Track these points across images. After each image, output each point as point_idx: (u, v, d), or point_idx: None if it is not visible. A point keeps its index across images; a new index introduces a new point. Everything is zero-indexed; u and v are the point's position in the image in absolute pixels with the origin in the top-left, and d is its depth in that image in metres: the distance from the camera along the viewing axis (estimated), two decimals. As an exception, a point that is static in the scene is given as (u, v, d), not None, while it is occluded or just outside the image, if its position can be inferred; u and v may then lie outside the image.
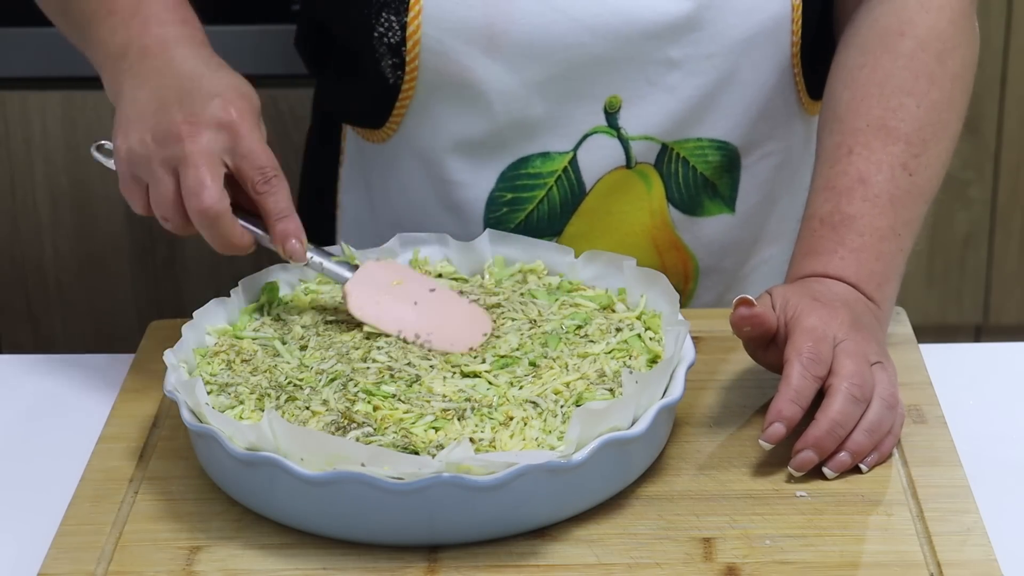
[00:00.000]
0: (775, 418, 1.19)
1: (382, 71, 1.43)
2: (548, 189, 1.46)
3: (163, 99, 1.27)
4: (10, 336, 2.39)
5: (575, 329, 1.27)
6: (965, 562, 1.11)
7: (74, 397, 1.37)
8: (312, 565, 1.12)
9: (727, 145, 1.47)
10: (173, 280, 2.34)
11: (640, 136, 1.44)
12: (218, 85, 1.27)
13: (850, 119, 1.36)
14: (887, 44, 1.38)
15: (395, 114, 1.45)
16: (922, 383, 1.32)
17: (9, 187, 2.28)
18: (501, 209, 1.47)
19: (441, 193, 1.48)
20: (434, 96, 1.43)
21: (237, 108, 1.26)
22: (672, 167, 1.47)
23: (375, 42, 1.41)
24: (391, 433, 1.15)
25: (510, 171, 1.46)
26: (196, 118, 1.25)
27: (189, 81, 1.27)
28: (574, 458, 1.12)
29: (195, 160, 1.23)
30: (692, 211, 1.50)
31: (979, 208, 2.51)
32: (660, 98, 1.43)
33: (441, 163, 1.46)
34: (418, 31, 1.39)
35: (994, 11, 2.44)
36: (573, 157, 1.45)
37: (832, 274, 1.30)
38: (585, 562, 1.12)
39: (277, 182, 1.26)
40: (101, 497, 1.19)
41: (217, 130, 1.25)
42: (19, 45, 2.22)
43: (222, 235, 1.24)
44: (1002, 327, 2.60)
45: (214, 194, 1.23)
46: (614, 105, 1.43)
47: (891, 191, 1.33)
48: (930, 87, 1.36)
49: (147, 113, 1.27)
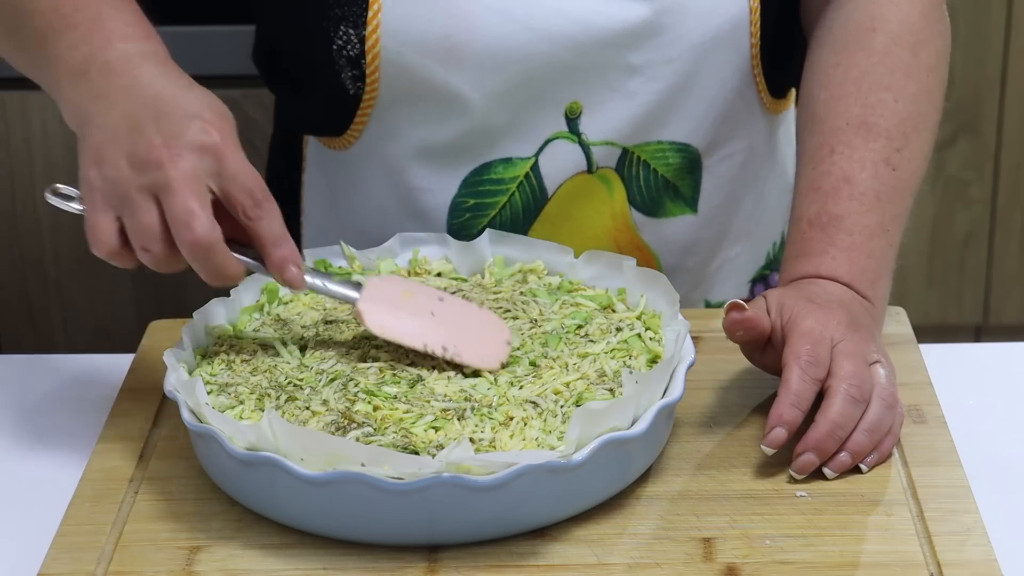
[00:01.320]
0: (776, 423, 1.19)
1: (342, 83, 1.42)
2: (510, 195, 1.46)
3: (136, 121, 1.17)
4: (10, 336, 2.39)
5: (575, 329, 1.27)
6: (965, 562, 1.11)
7: (74, 397, 1.37)
8: (312, 565, 1.12)
9: (688, 147, 1.47)
10: (173, 280, 2.34)
11: (601, 141, 1.45)
12: (195, 105, 1.18)
13: (829, 119, 1.36)
14: (860, 41, 1.38)
15: (356, 122, 1.45)
16: (922, 383, 1.32)
17: (9, 187, 2.28)
18: (464, 215, 1.47)
19: (404, 199, 1.48)
20: (396, 105, 1.43)
21: (219, 129, 1.17)
22: (633, 170, 1.47)
23: (334, 55, 1.41)
24: (391, 433, 1.15)
25: (472, 177, 1.46)
26: (176, 141, 1.16)
27: (162, 102, 1.18)
28: (574, 458, 1.12)
29: (180, 187, 1.14)
30: (654, 212, 1.50)
31: (979, 208, 2.51)
32: (620, 103, 1.43)
33: (404, 170, 1.46)
34: (377, 44, 1.39)
35: (994, 11, 2.44)
36: (535, 163, 1.45)
37: (824, 275, 1.31)
38: (585, 562, 1.12)
39: (268, 206, 1.18)
40: (101, 497, 1.19)
41: (200, 153, 1.16)
42: (19, 45, 2.22)
43: (215, 266, 1.16)
44: (1002, 327, 2.60)
45: (205, 224, 1.15)
46: (575, 111, 1.43)
47: (876, 188, 1.33)
48: (907, 81, 1.37)
49: (120, 137, 1.17)
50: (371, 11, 1.38)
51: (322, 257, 1.36)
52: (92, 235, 1.18)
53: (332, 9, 1.40)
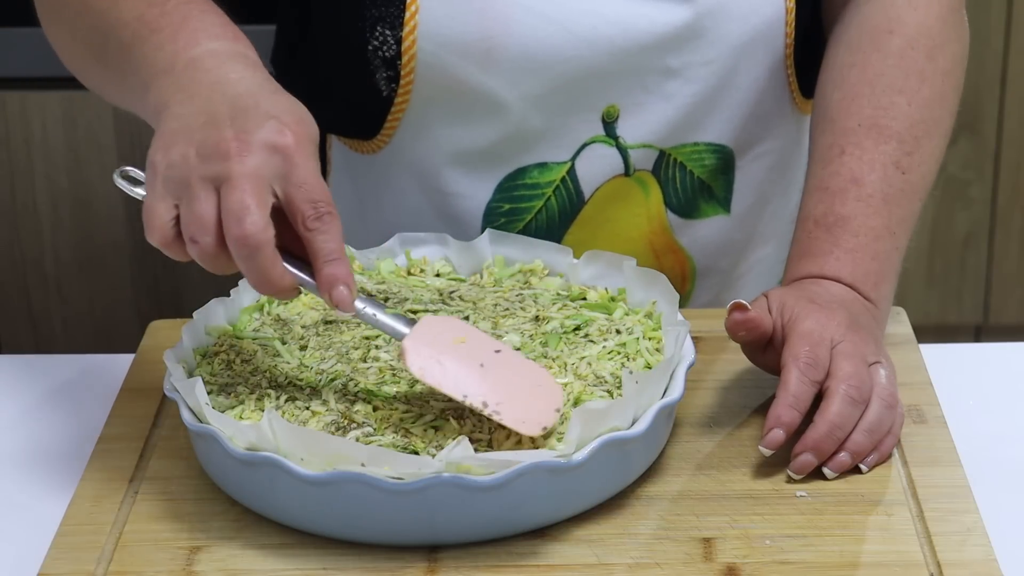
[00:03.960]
0: (774, 424, 1.19)
1: (375, 84, 1.42)
2: (546, 199, 1.46)
3: (213, 114, 1.13)
4: (10, 336, 2.39)
5: (574, 329, 1.27)
6: (965, 562, 1.11)
7: (74, 397, 1.37)
8: (312, 565, 1.12)
9: (723, 148, 1.47)
10: (173, 280, 2.34)
11: (638, 144, 1.44)
12: (276, 107, 1.13)
13: (842, 119, 1.36)
14: (876, 42, 1.38)
15: (388, 125, 1.45)
16: (922, 383, 1.32)
17: (9, 187, 2.28)
18: (499, 219, 1.47)
19: (437, 204, 1.47)
20: (428, 107, 1.42)
21: (295, 133, 1.12)
22: (670, 172, 1.47)
23: (369, 55, 1.40)
24: (390, 433, 1.15)
25: (507, 182, 1.45)
26: (248, 136, 1.11)
27: (242, 99, 1.13)
28: (574, 458, 1.12)
29: (241, 182, 1.09)
30: (689, 214, 1.50)
31: (979, 208, 2.51)
32: (658, 106, 1.43)
33: (437, 175, 1.46)
34: (414, 46, 1.38)
35: (994, 11, 2.44)
36: (571, 167, 1.45)
37: (828, 275, 1.31)
38: (585, 562, 1.12)
39: (330, 219, 1.12)
40: (101, 497, 1.19)
41: (270, 153, 1.11)
42: (19, 45, 2.22)
43: (261, 269, 1.11)
44: (1002, 327, 2.60)
45: (258, 221, 1.09)
46: (612, 115, 1.43)
47: (884, 190, 1.33)
48: (921, 85, 1.37)
49: (194, 127, 1.13)
50: (408, 12, 1.38)
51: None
52: (148, 221, 1.13)
53: (368, 10, 1.39)
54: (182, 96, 1.16)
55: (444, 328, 1.18)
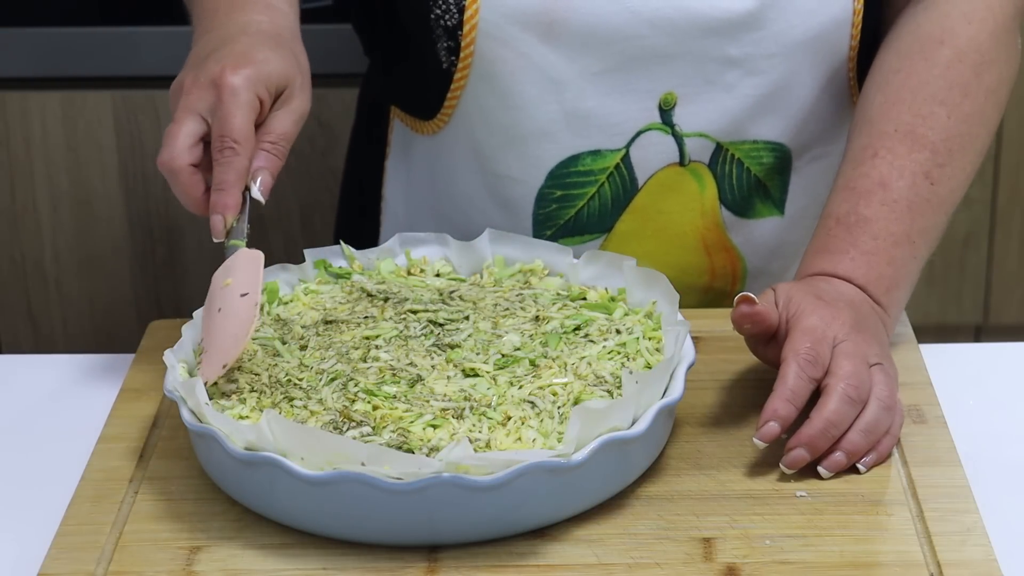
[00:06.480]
0: (770, 417, 1.19)
1: (437, 54, 1.42)
2: (599, 186, 1.46)
3: (199, 55, 1.28)
4: (10, 336, 2.39)
5: (574, 329, 1.27)
6: (965, 562, 1.11)
7: (74, 397, 1.37)
8: (312, 565, 1.12)
9: (782, 147, 1.47)
10: (173, 280, 2.34)
11: (695, 133, 1.44)
12: (242, 51, 1.27)
13: (879, 122, 1.36)
14: (925, 51, 1.38)
15: (447, 104, 1.45)
16: (922, 383, 1.32)
17: (9, 187, 2.28)
18: (551, 206, 1.47)
19: (491, 187, 1.48)
20: (486, 84, 1.42)
21: (236, 72, 1.24)
22: (726, 168, 1.46)
23: (432, 23, 1.41)
24: (389, 432, 1.15)
25: (559, 169, 1.45)
26: (199, 75, 1.25)
27: (229, 43, 1.27)
28: (574, 458, 1.12)
29: (176, 114, 1.25)
30: (744, 213, 1.49)
31: (979, 208, 2.51)
32: (717, 96, 1.43)
33: (492, 157, 1.46)
34: (476, 15, 1.39)
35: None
36: (626, 153, 1.45)
37: (841, 274, 1.30)
38: (585, 562, 1.12)
39: (231, 154, 1.23)
40: (101, 497, 1.20)
41: (208, 88, 1.24)
42: (19, 45, 2.22)
43: (179, 191, 1.24)
44: (1002, 327, 2.60)
45: (172, 150, 1.23)
46: (669, 102, 1.42)
47: (910, 198, 1.33)
48: (963, 99, 1.36)
49: (190, 64, 1.28)
50: None
51: (322, 257, 1.36)
52: None
53: None
54: (200, 38, 1.32)
55: (234, 265, 1.24)
